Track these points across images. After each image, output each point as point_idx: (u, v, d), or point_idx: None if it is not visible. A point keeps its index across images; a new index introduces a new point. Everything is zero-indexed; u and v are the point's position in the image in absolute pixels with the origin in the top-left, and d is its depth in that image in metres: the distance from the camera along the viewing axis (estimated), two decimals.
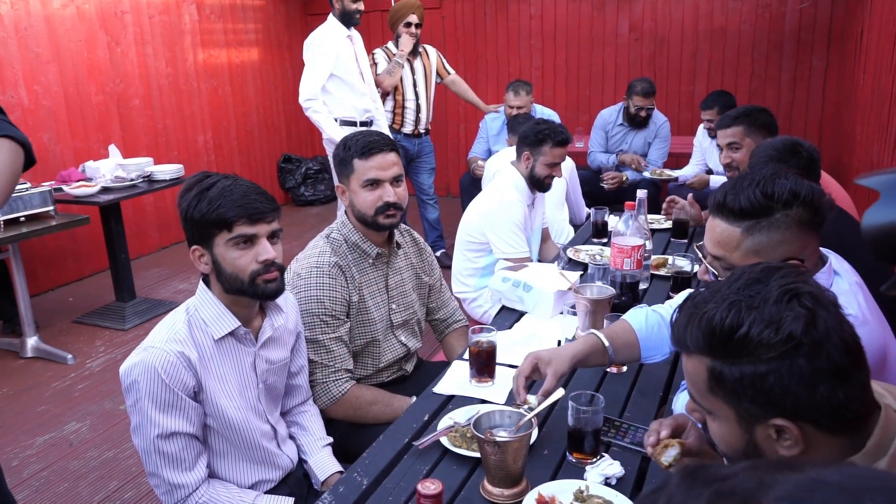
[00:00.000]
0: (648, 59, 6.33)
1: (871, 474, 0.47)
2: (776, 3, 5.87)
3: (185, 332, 1.57)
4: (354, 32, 4.53)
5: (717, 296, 0.92)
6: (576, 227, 3.85)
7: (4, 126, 1.38)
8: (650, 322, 1.72)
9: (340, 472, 1.78)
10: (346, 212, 2.13)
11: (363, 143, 2.01)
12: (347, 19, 4.42)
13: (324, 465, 1.81)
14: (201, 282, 1.65)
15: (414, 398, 1.94)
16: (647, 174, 4.70)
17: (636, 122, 4.93)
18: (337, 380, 1.98)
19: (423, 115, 4.93)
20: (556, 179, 3.07)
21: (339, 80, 4.44)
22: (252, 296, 1.61)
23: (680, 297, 1.77)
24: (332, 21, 4.44)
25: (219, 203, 1.53)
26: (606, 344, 1.64)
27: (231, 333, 1.62)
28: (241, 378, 1.66)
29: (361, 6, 4.45)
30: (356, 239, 2.08)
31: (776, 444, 0.91)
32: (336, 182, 2.20)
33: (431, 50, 5.06)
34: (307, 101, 4.35)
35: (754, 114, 2.74)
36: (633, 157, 4.92)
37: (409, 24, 4.69)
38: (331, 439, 1.90)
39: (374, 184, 2.01)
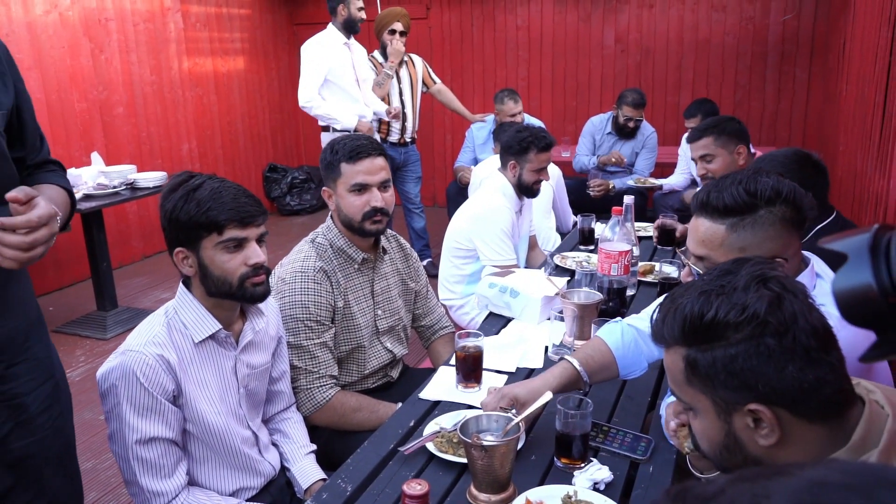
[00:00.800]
0: (634, 70, 6.37)
1: (864, 468, 0.45)
2: (759, 15, 5.94)
3: (164, 334, 1.53)
4: (353, 41, 4.55)
5: (691, 289, 0.96)
6: (563, 234, 3.84)
7: (67, 180, 1.55)
8: (626, 339, 1.70)
9: (324, 480, 1.75)
10: (331, 216, 2.11)
11: (351, 147, 1.99)
12: (351, 26, 4.45)
13: (307, 472, 1.78)
14: (181, 284, 1.61)
15: (399, 405, 1.91)
16: (631, 182, 4.72)
17: (624, 132, 4.96)
18: (321, 386, 1.94)
19: (409, 124, 4.93)
20: (543, 186, 3.07)
21: (335, 87, 4.45)
22: (240, 299, 1.58)
23: (653, 306, 1.75)
24: (330, 29, 4.47)
25: (209, 205, 1.50)
26: (580, 370, 1.61)
27: (212, 337, 1.59)
28: (222, 382, 1.62)
29: (364, 14, 4.47)
30: (342, 244, 2.05)
31: (754, 433, 0.92)
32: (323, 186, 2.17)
33: (417, 59, 5.06)
34: (307, 102, 4.41)
35: (722, 123, 2.75)
36: (611, 154, 4.94)
37: (393, 32, 4.70)
38: (314, 447, 1.87)
39: (361, 188, 1.99)
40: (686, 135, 4.78)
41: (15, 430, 1.37)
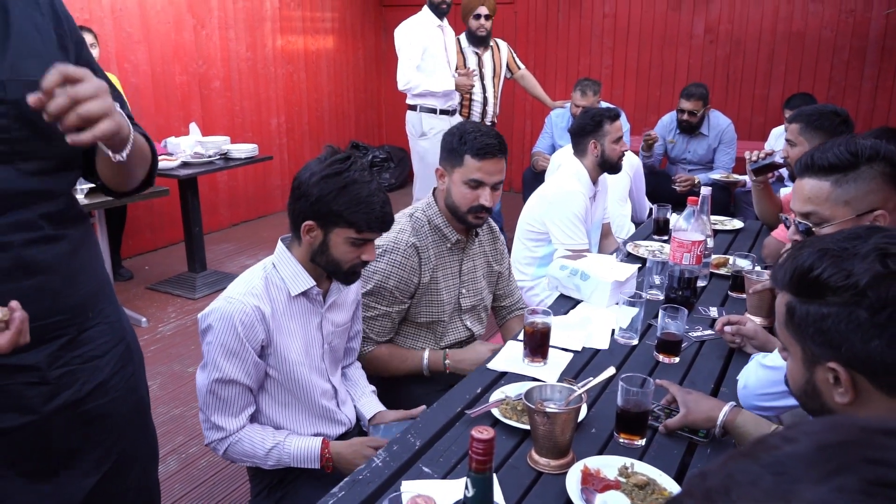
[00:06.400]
0: (723, 62, 6.22)
1: (847, 423, 0.45)
2: (861, 8, 5.68)
3: (262, 287, 1.68)
4: (446, 24, 4.64)
5: (817, 243, 1.01)
6: (637, 224, 3.84)
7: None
8: None
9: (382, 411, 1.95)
10: (434, 193, 2.20)
11: (481, 144, 2.04)
12: (436, 9, 4.55)
13: (370, 405, 1.96)
14: (280, 242, 1.76)
15: (426, 355, 2.11)
16: (716, 177, 4.63)
17: (684, 127, 4.85)
18: (364, 345, 2.12)
19: (489, 108, 4.98)
20: (619, 175, 3.11)
21: (427, 69, 4.55)
22: (337, 279, 1.76)
23: None
24: (424, 11, 4.58)
25: (362, 208, 1.63)
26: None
27: (304, 294, 1.73)
28: (308, 337, 1.76)
29: None
30: (439, 222, 2.15)
31: (832, 389, 0.98)
32: (439, 163, 2.17)
33: (503, 44, 5.10)
34: (406, 83, 4.52)
35: (816, 115, 2.69)
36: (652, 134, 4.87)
37: (478, 17, 4.76)
38: (374, 388, 2.04)
39: (476, 185, 2.07)
40: (776, 128, 4.67)
41: (91, 392, 1.39)
